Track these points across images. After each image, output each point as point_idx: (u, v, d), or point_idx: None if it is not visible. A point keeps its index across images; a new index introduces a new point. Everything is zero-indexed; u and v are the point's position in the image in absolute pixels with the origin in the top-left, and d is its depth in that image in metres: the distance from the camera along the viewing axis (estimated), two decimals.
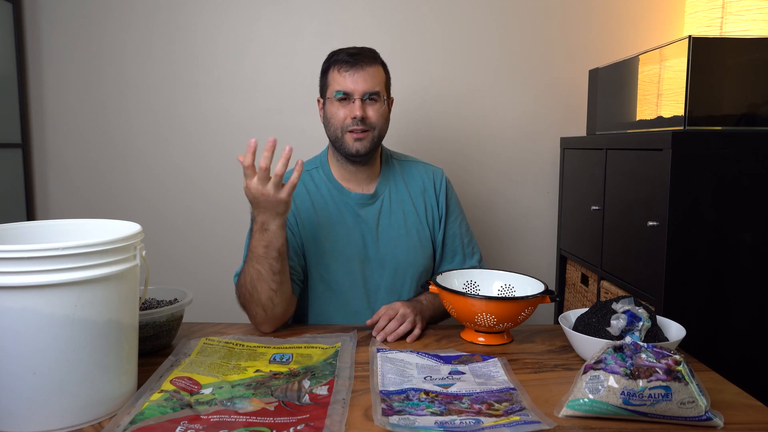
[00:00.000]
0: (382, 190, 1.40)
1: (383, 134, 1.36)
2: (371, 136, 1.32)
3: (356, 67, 1.30)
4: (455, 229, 1.44)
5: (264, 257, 1.16)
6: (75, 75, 2.06)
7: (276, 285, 1.19)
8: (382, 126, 1.35)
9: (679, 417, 0.81)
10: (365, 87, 1.30)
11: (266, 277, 1.17)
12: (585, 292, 1.85)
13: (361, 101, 1.29)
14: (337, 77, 1.31)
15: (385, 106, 1.35)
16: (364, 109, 1.30)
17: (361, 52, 1.32)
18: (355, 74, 1.30)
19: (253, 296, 1.19)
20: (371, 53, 1.34)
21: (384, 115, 1.34)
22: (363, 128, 1.30)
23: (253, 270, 1.18)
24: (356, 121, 1.29)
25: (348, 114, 1.30)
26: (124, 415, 0.82)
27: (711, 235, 1.34)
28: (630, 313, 1.02)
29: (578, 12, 2.04)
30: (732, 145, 1.34)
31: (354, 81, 1.29)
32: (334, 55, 1.35)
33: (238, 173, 2.08)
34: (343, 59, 1.31)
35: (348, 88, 1.30)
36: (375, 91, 1.31)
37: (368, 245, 1.37)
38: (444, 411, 0.84)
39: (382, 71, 1.36)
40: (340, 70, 1.31)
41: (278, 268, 1.18)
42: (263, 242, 1.15)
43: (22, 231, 0.96)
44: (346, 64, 1.30)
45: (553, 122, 2.09)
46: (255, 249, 1.16)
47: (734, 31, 1.60)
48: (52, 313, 0.76)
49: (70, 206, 2.12)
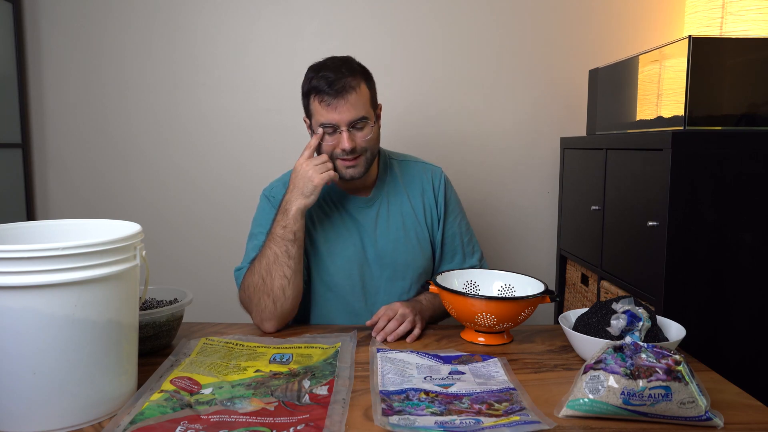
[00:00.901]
0: (379, 193, 1.40)
1: (376, 151, 1.34)
2: (363, 159, 1.30)
3: (338, 98, 1.23)
4: (455, 228, 1.44)
5: (282, 238, 1.21)
6: (75, 75, 2.06)
7: (290, 272, 1.21)
8: (374, 146, 1.32)
9: (679, 417, 0.81)
10: (350, 117, 1.24)
11: (282, 261, 1.21)
12: (585, 292, 1.85)
13: (348, 132, 1.25)
14: (319, 109, 1.25)
15: (374, 126, 1.30)
16: (353, 139, 1.26)
17: (340, 75, 1.23)
18: (337, 107, 1.23)
19: (266, 282, 1.20)
20: (351, 73, 1.25)
21: (374, 136, 1.30)
22: (353, 156, 1.28)
23: (271, 252, 1.22)
24: (345, 152, 1.26)
25: (336, 145, 1.27)
26: (124, 415, 0.82)
27: (711, 235, 1.34)
28: (630, 313, 1.02)
29: (578, 12, 2.04)
30: (732, 145, 1.34)
31: (338, 113, 1.24)
32: (312, 77, 1.26)
33: (238, 173, 2.09)
34: (324, 89, 1.23)
35: (333, 120, 1.24)
36: (361, 117, 1.26)
37: (367, 247, 1.37)
38: (444, 411, 0.84)
39: (366, 89, 1.28)
40: (322, 101, 1.24)
41: (293, 253, 1.22)
42: (282, 223, 1.22)
43: (22, 231, 0.96)
44: (327, 96, 1.23)
45: (553, 122, 2.09)
46: (275, 230, 1.23)
47: (734, 31, 1.60)
48: (52, 313, 0.76)
49: (70, 206, 2.12)
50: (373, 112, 1.32)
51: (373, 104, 1.32)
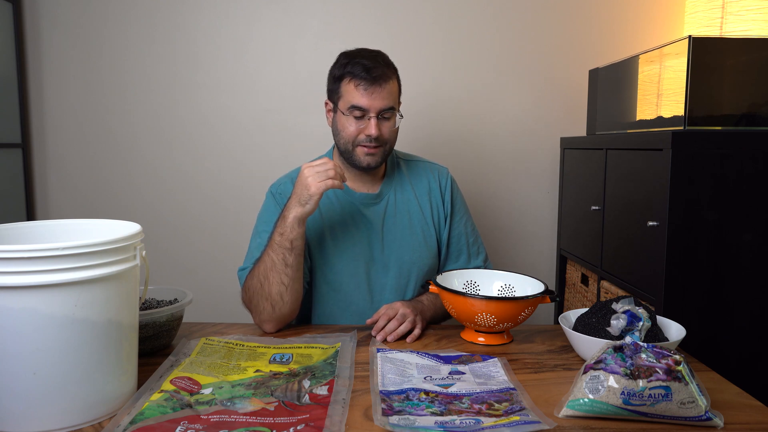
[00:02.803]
0: (386, 191, 1.40)
1: (393, 145, 1.36)
2: (383, 151, 1.32)
3: (375, 84, 1.25)
4: (460, 228, 1.44)
5: (279, 246, 1.20)
6: (75, 75, 2.06)
7: (287, 279, 1.20)
8: (393, 140, 1.34)
9: (679, 417, 0.81)
10: (382, 104, 1.27)
11: (279, 268, 1.20)
12: (585, 292, 1.85)
13: (376, 119, 1.27)
14: (352, 92, 1.27)
15: (399, 119, 1.33)
16: (379, 127, 1.28)
17: (377, 64, 1.27)
18: (373, 93, 1.26)
19: (264, 287, 1.20)
20: (387, 65, 1.30)
21: (396, 129, 1.33)
22: (376, 144, 1.29)
23: (268, 258, 1.21)
24: (370, 138, 1.28)
25: (361, 130, 1.28)
26: (124, 415, 0.82)
27: (711, 235, 1.34)
28: (630, 313, 1.02)
29: (578, 12, 2.04)
30: (732, 145, 1.34)
31: (371, 99, 1.26)
32: (348, 63, 1.28)
33: (238, 173, 2.09)
34: (360, 74, 1.25)
35: (364, 105, 1.26)
36: (390, 107, 1.28)
37: (373, 245, 1.37)
38: (444, 411, 0.84)
39: (396, 83, 1.32)
40: (357, 85, 1.26)
41: (291, 261, 1.20)
42: (280, 230, 1.21)
43: (22, 231, 0.96)
44: (363, 81, 1.25)
45: (553, 122, 2.09)
46: (273, 236, 1.22)
47: (734, 31, 1.60)
48: (52, 313, 0.76)
49: (70, 206, 2.12)
50: (398, 107, 1.35)
51: (399, 100, 1.35)
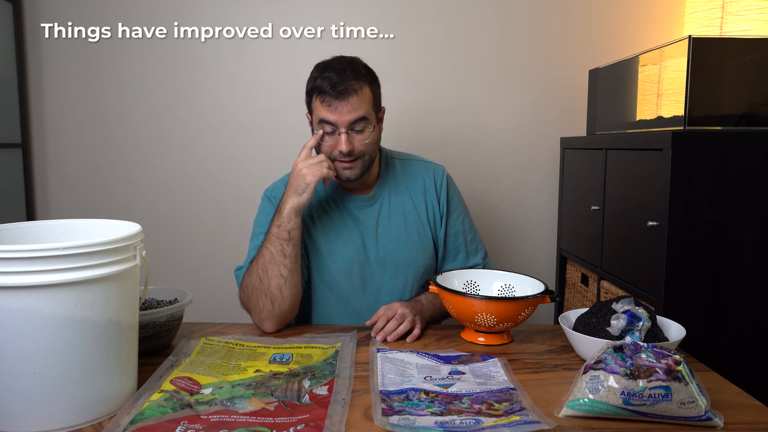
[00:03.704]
0: (381, 192, 1.40)
1: (374, 155, 1.33)
2: (361, 163, 1.30)
3: (339, 99, 1.23)
4: (458, 226, 1.44)
5: (276, 237, 1.22)
6: (75, 75, 2.06)
7: (286, 272, 1.21)
8: (372, 150, 1.31)
9: (679, 417, 0.81)
10: (350, 117, 1.24)
11: (277, 260, 1.21)
12: (585, 292, 1.85)
13: (346, 134, 1.25)
14: (320, 107, 1.25)
15: (374, 129, 1.29)
16: (351, 142, 1.26)
17: (343, 77, 1.23)
18: (338, 107, 1.23)
19: (263, 282, 1.21)
20: (354, 76, 1.25)
21: (373, 139, 1.30)
22: (351, 159, 1.28)
23: (267, 251, 1.22)
24: (342, 154, 1.26)
25: (334, 146, 1.27)
26: (124, 415, 0.82)
27: (711, 235, 1.34)
28: (630, 313, 1.02)
29: (578, 12, 2.04)
30: (732, 145, 1.34)
31: (337, 114, 1.23)
32: (317, 77, 1.26)
33: (238, 173, 2.09)
34: (326, 89, 1.23)
35: (332, 120, 1.24)
36: (361, 118, 1.25)
37: (368, 247, 1.37)
38: (444, 411, 0.84)
39: (368, 91, 1.27)
40: (323, 101, 1.24)
41: (289, 252, 1.22)
42: (277, 222, 1.23)
43: (22, 231, 0.96)
44: (328, 96, 1.23)
45: (553, 122, 2.09)
46: (271, 228, 1.24)
47: (734, 31, 1.60)
48: (52, 313, 0.76)
49: (70, 206, 2.12)
50: (375, 115, 1.31)
51: (375, 107, 1.31)
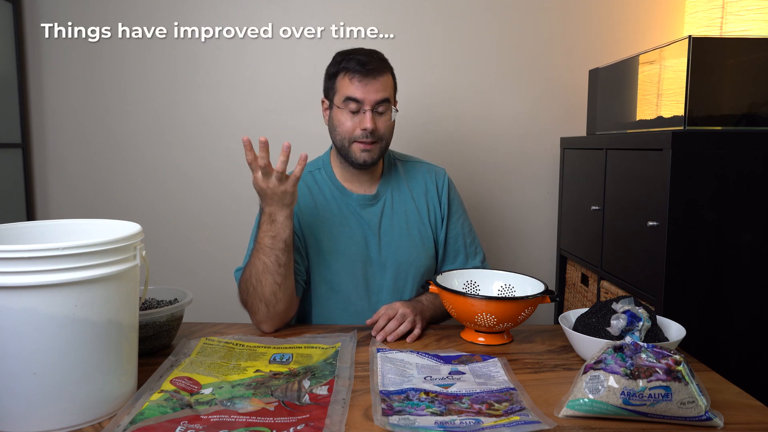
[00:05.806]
0: (383, 191, 1.40)
1: (389, 143, 1.36)
2: (379, 147, 1.32)
3: (368, 76, 1.27)
4: (458, 229, 1.44)
5: (271, 248, 1.18)
6: (75, 75, 2.06)
7: (280, 279, 1.20)
8: (389, 136, 1.34)
9: (679, 417, 0.81)
10: (376, 96, 1.27)
11: (272, 270, 1.19)
12: (585, 292, 1.85)
13: (371, 112, 1.28)
14: (347, 85, 1.28)
15: (394, 113, 1.33)
16: (374, 121, 1.28)
17: (371, 59, 1.29)
18: (367, 84, 1.27)
19: (257, 290, 1.20)
20: (381, 60, 1.31)
21: (392, 125, 1.34)
22: (372, 140, 1.29)
23: (260, 262, 1.19)
24: (365, 133, 1.28)
25: (357, 125, 1.28)
26: (124, 415, 0.82)
27: (711, 235, 1.34)
28: (630, 313, 1.02)
29: (578, 12, 2.04)
30: (732, 145, 1.34)
31: (365, 91, 1.27)
32: (342, 60, 1.30)
33: (237, 173, 2.09)
34: (354, 68, 1.27)
35: (359, 97, 1.27)
36: (385, 99, 1.28)
37: (370, 246, 1.37)
38: (444, 411, 0.84)
39: (391, 78, 1.33)
40: (352, 78, 1.27)
41: (284, 260, 1.19)
42: (270, 233, 1.18)
43: (22, 231, 0.96)
44: (357, 73, 1.27)
45: (553, 122, 2.09)
46: (262, 240, 1.19)
47: (734, 31, 1.60)
48: (52, 313, 0.76)
49: (70, 206, 2.12)
50: (394, 102, 1.35)
51: (394, 95, 1.36)
